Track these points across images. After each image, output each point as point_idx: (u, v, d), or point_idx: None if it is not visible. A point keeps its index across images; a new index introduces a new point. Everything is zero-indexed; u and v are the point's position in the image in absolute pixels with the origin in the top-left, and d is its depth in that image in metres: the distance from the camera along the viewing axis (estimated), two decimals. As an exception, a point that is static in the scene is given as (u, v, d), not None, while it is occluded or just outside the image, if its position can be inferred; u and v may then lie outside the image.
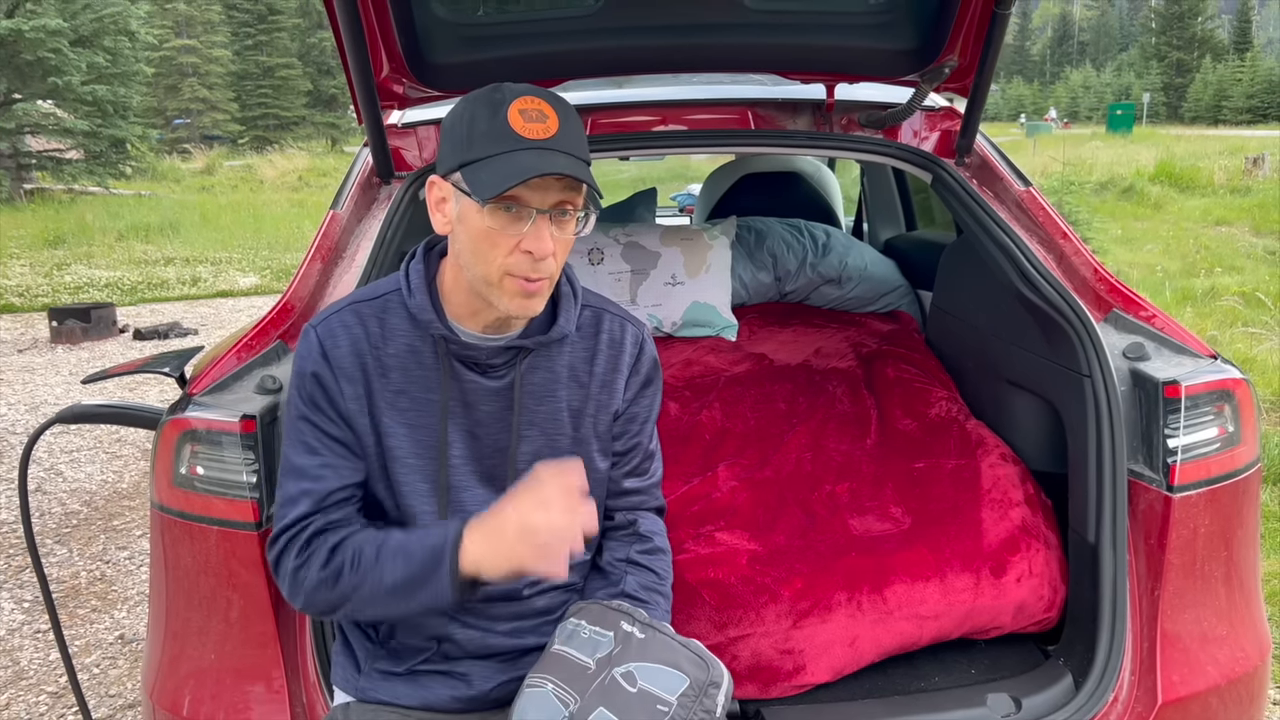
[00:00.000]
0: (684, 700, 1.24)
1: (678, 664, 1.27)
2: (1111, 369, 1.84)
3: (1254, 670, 1.82)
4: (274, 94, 38.94)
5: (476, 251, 1.29)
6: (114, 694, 2.92)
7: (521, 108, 1.26)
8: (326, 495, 1.35)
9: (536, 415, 1.42)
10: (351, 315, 1.39)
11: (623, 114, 2.43)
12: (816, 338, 3.00)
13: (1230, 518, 1.80)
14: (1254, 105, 50.64)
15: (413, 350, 1.38)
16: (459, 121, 1.30)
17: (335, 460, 1.37)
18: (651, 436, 1.57)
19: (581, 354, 1.46)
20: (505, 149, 1.24)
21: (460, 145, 1.28)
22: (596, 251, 3.06)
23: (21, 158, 19.54)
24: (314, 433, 1.37)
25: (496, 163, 1.24)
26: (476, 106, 1.28)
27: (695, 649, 1.31)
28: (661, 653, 1.29)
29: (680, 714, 1.23)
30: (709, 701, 1.25)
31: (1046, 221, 2.10)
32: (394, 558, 1.28)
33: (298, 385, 1.38)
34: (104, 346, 7.84)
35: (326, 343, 1.37)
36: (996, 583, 1.91)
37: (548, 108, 1.27)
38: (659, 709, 1.23)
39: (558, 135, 1.26)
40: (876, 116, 2.36)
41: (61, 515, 4.32)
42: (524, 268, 1.28)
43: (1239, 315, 7.28)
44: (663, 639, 1.32)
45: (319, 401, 1.37)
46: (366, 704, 1.44)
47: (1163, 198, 15.86)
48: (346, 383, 1.36)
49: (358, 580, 1.29)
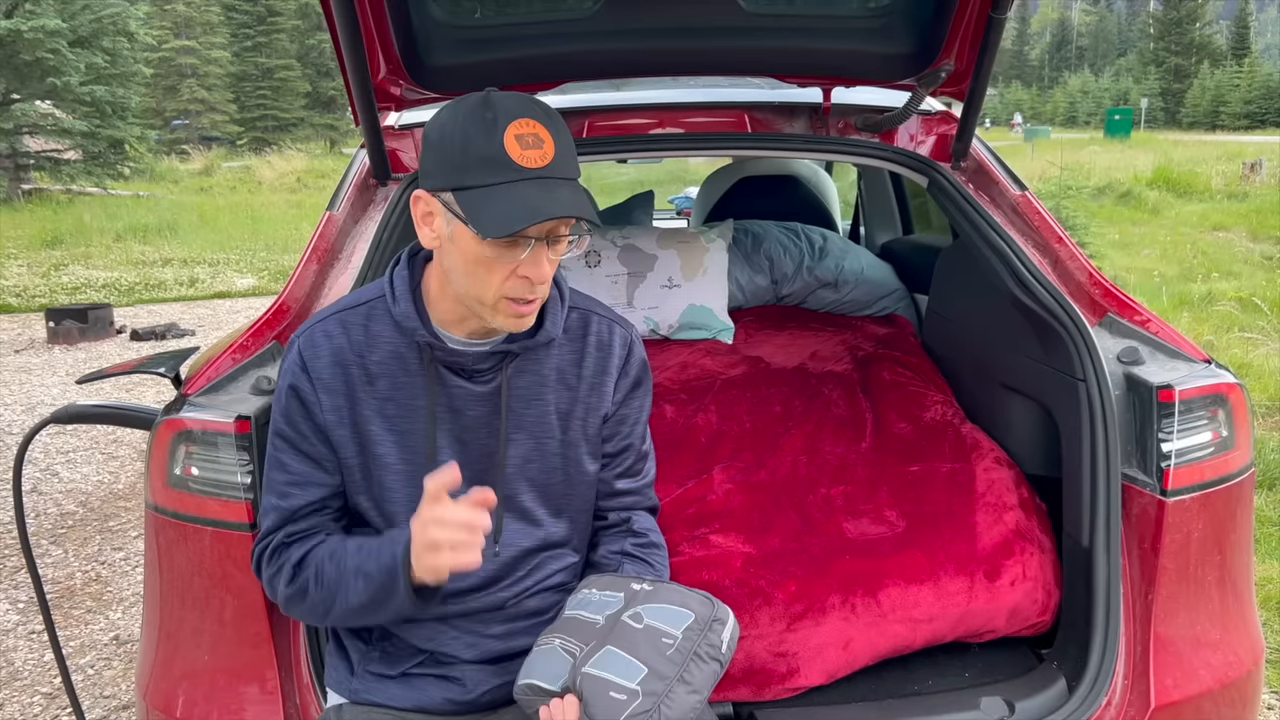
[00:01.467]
0: (688, 633, 1.24)
1: (685, 603, 1.28)
2: (1106, 373, 1.84)
3: (1247, 674, 1.82)
4: (273, 95, 38.92)
5: (471, 275, 1.28)
6: (108, 695, 2.91)
7: (517, 133, 1.23)
8: (294, 512, 1.39)
9: (524, 419, 1.42)
10: (335, 324, 1.39)
11: (620, 117, 2.43)
12: (813, 341, 3.00)
13: (1224, 522, 1.81)
14: (1252, 111, 50.71)
15: (398, 357, 1.38)
16: (448, 139, 1.25)
17: (303, 479, 1.39)
18: (644, 438, 1.57)
19: (569, 356, 1.46)
20: (504, 179, 1.22)
21: (453, 166, 1.25)
22: (593, 254, 3.06)
23: (20, 158, 19.51)
24: (288, 450, 1.39)
25: (498, 197, 1.22)
26: (468, 125, 1.24)
27: (702, 592, 1.33)
28: (669, 596, 1.30)
29: (685, 646, 1.24)
30: (714, 636, 1.25)
31: (1042, 226, 2.10)
32: (355, 578, 1.30)
33: (277, 399, 1.40)
34: (101, 347, 7.84)
35: (307, 354, 1.38)
36: (990, 586, 1.91)
37: (543, 131, 1.24)
38: (664, 642, 1.24)
39: (555, 162, 1.25)
40: (873, 120, 2.37)
41: (57, 516, 4.31)
42: (520, 291, 1.29)
43: (1235, 320, 7.29)
44: (671, 587, 1.33)
45: (294, 417, 1.38)
46: (360, 706, 1.44)
47: (1160, 203, 15.89)
48: (326, 394, 1.37)
49: (326, 597, 1.33)
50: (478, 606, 1.43)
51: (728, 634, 1.28)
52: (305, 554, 1.35)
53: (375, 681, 1.44)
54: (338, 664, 1.50)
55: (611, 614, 1.30)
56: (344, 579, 1.31)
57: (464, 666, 1.44)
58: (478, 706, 1.44)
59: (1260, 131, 43.71)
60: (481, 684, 1.43)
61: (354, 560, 1.31)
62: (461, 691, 1.43)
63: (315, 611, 1.37)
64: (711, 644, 1.26)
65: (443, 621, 1.43)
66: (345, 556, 1.32)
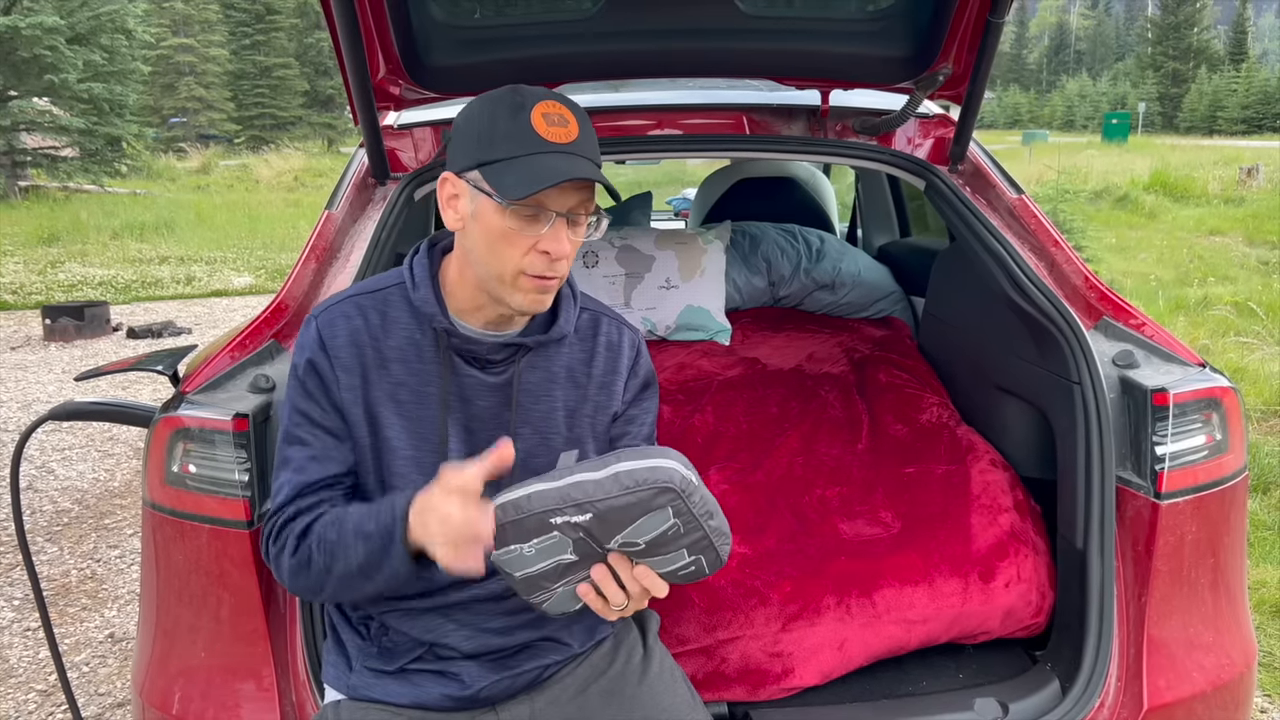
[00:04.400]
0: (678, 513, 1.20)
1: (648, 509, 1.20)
2: (1101, 376, 1.85)
3: (1239, 677, 1.83)
4: (271, 94, 38.85)
5: (493, 249, 1.31)
6: (104, 692, 2.91)
7: (544, 111, 1.28)
8: (309, 485, 1.37)
9: (532, 414, 1.43)
10: (353, 306, 1.41)
11: (619, 118, 2.44)
12: (809, 343, 3.01)
13: (1217, 525, 1.82)
14: (1249, 116, 50.81)
15: (413, 343, 1.40)
16: (477, 119, 1.32)
17: (323, 452, 1.38)
18: (651, 440, 1.58)
19: (579, 355, 1.48)
20: (529, 151, 1.27)
21: (480, 144, 1.30)
22: (591, 255, 3.06)
23: (17, 155, 19.46)
24: (305, 423, 1.38)
25: (521, 165, 1.26)
26: (497, 107, 1.30)
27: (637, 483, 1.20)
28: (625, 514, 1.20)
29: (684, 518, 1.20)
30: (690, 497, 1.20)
31: (1038, 229, 2.11)
32: (354, 539, 1.29)
33: (294, 372, 1.40)
34: (97, 345, 7.83)
35: (325, 332, 1.39)
36: (985, 588, 1.92)
37: (568, 113, 1.30)
38: (670, 534, 1.21)
39: (578, 140, 1.30)
40: (871, 123, 2.38)
41: (53, 513, 4.31)
42: (539, 267, 1.31)
43: (1231, 325, 7.31)
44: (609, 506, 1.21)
45: (312, 389, 1.38)
46: (357, 702, 1.45)
47: (1157, 207, 15.91)
48: (343, 372, 1.38)
49: (328, 562, 1.31)
50: (479, 596, 1.43)
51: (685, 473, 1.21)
52: (309, 524, 1.34)
53: (373, 677, 1.44)
54: (335, 660, 1.50)
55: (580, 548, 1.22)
56: (344, 540, 1.30)
57: (462, 662, 1.44)
58: (476, 702, 1.44)
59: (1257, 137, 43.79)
60: (480, 679, 1.44)
61: (354, 521, 1.30)
62: (459, 687, 1.43)
63: (317, 581, 1.34)
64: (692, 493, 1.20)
65: (443, 615, 1.43)
66: (346, 519, 1.32)
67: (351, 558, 1.29)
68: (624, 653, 1.55)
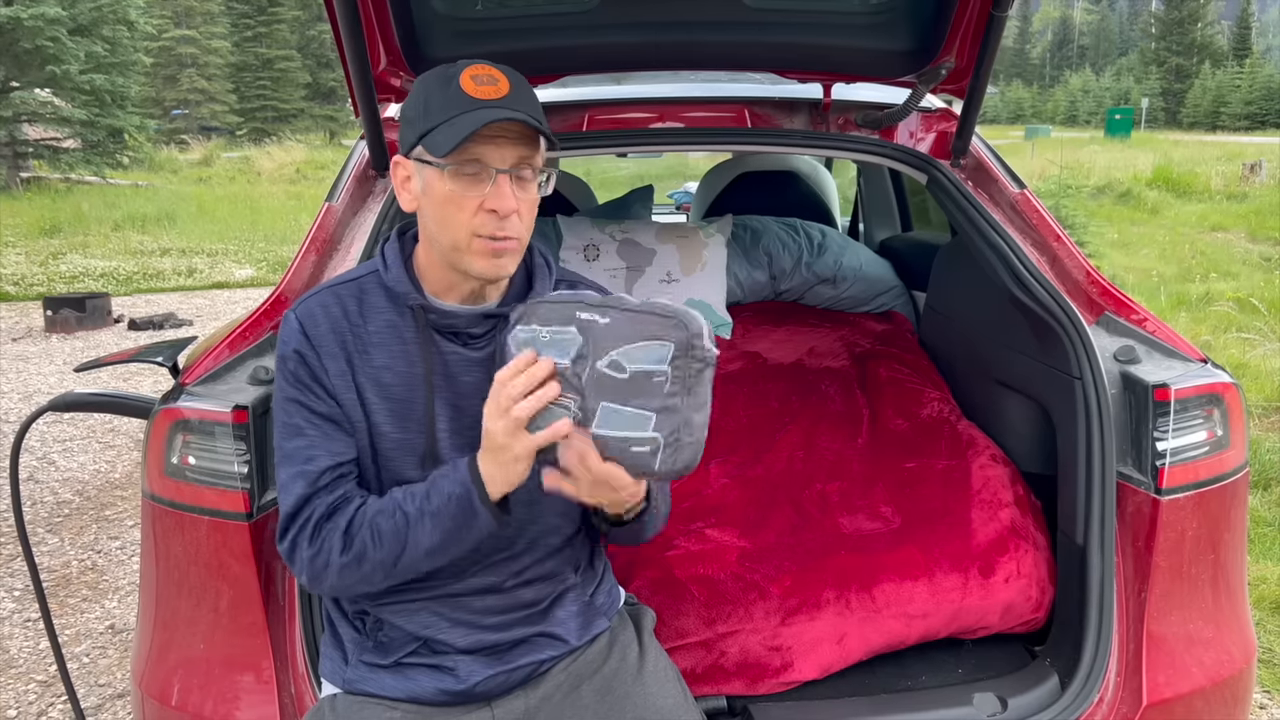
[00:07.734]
0: (676, 364, 1.23)
1: (654, 335, 1.25)
2: (1102, 371, 1.84)
3: (1239, 673, 1.83)
4: (273, 86, 38.80)
5: (443, 218, 1.32)
6: (103, 683, 2.92)
7: (473, 74, 1.30)
8: (320, 475, 1.36)
9: None
10: (330, 296, 1.41)
11: (620, 110, 2.43)
12: (810, 337, 3.00)
13: (1218, 521, 1.81)
14: (1252, 112, 50.65)
15: (393, 326, 1.40)
16: (414, 99, 1.35)
17: (324, 439, 1.37)
18: None
19: None
20: (459, 111, 1.28)
21: (417, 119, 1.32)
22: (592, 248, 3.06)
23: (18, 146, 19.47)
24: (301, 412, 1.38)
25: (452, 124, 1.28)
26: (429, 81, 1.33)
27: (662, 310, 1.27)
28: (634, 329, 1.26)
29: (678, 375, 1.23)
30: (697, 352, 1.23)
31: (1040, 224, 2.11)
32: (420, 522, 1.30)
33: (281, 367, 1.39)
34: (98, 336, 7.84)
35: (306, 323, 1.39)
36: (985, 583, 1.92)
37: (498, 73, 1.31)
38: (656, 381, 1.23)
39: (510, 95, 1.30)
40: (873, 117, 2.37)
41: (53, 504, 4.31)
42: (490, 227, 1.31)
43: (1233, 320, 7.30)
44: (627, 316, 1.28)
45: (304, 379, 1.38)
46: (353, 696, 1.45)
47: (1160, 203, 15.89)
48: (330, 360, 1.38)
49: (388, 554, 1.31)
50: (474, 587, 1.43)
51: (706, 340, 1.25)
52: (350, 520, 1.34)
53: (368, 671, 1.44)
54: (332, 654, 1.50)
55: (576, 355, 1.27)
56: (411, 527, 1.30)
57: (457, 656, 1.44)
58: (471, 697, 1.44)
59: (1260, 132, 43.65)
60: (475, 674, 1.43)
61: (412, 506, 1.31)
62: (455, 682, 1.43)
63: (377, 572, 1.33)
64: (698, 359, 1.24)
65: (438, 610, 1.43)
66: (398, 507, 1.32)
67: (422, 540, 1.30)
68: (619, 649, 1.54)
